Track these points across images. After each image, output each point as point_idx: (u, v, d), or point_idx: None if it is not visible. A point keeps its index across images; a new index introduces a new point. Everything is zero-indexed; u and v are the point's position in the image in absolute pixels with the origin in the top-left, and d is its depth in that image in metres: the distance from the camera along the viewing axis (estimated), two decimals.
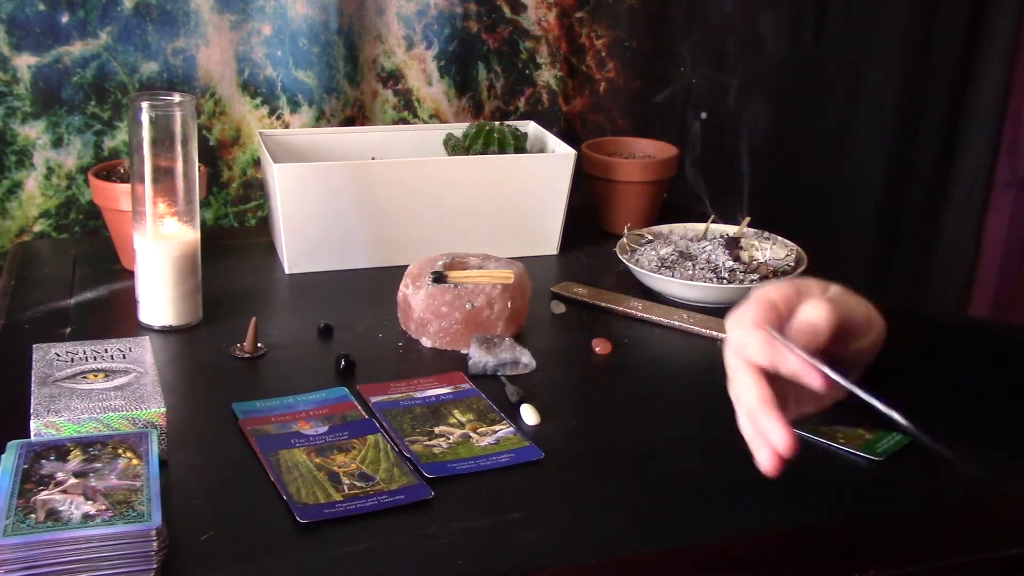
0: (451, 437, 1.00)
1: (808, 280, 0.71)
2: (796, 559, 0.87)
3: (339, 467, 0.93)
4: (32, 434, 0.90)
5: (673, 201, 1.64)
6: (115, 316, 1.27)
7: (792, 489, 0.95)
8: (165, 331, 1.21)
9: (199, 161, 1.23)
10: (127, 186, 1.27)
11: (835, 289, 0.71)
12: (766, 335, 0.65)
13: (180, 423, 0.99)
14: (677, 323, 1.27)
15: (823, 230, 1.98)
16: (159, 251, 1.20)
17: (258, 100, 1.58)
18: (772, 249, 1.39)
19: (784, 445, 0.63)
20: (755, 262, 1.35)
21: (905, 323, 0.73)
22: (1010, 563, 0.88)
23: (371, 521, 0.87)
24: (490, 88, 1.72)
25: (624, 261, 1.37)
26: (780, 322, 0.67)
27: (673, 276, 1.32)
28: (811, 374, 0.64)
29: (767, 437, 0.64)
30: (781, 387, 0.67)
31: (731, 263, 1.33)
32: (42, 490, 0.80)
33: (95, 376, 0.98)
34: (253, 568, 0.81)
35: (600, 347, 1.20)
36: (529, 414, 1.04)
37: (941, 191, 2.08)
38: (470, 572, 0.82)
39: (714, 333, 1.24)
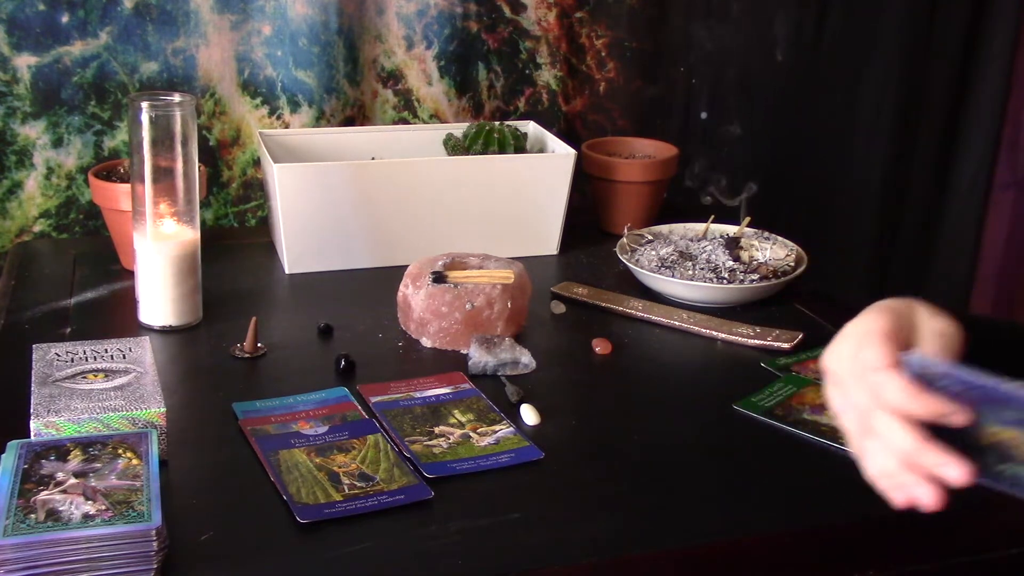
0: (451, 437, 1.00)
1: (890, 303, 0.69)
2: (796, 559, 0.87)
3: (339, 467, 0.93)
4: (32, 434, 0.90)
5: (673, 201, 1.64)
6: (115, 316, 1.27)
7: (792, 489, 0.95)
8: (165, 331, 1.21)
9: (199, 161, 1.23)
10: (127, 186, 1.27)
11: (919, 305, 0.69)
12: (905, 380, 0.64)
13: (180, 423, 0.99)
14: (677, 323, 1.27)
15: (823, 230, 1.98)
16: (159, 251, 1.20)
17: (258, 100, 1.58)
18: (772, 249, 1.39)
19: (964, 476, 0.63)
20: (755, 262, 1.35)
21: (985, 330, 0.72)
22: (1010, 563, 0.88)
23: (371, 521, 0.87)
24: (490, 88, 1.72)
25: (624, 261, 1.37)
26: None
27: (673, 276, 1.32)
28: (958, 413, 0.63)
29: (939, 474, 0.64)
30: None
31: (731, 263, 1.33)
32: (42, 490, 0.80)
33: (95, 376, 0.98)
34: (253, 568, 0.81)
35: (600, 347, 1.20)
36: (529, 414, 1.04)
37: (941, 191, 2.07)
38: (470, 572, 0.82)
39: (714, 333, 1.24)
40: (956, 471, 0.63)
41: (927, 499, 0.64)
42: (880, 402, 0.65)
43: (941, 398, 0.63)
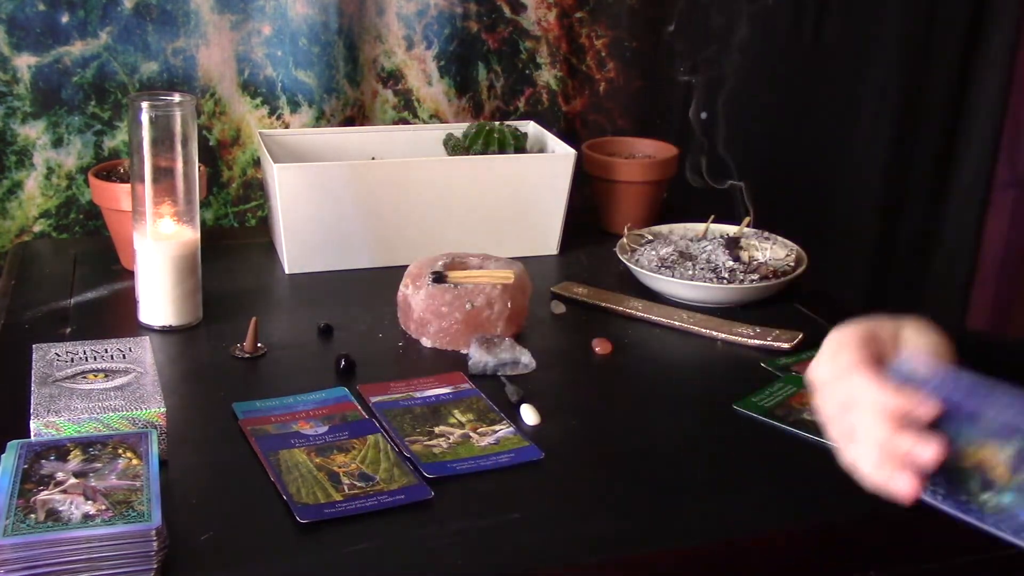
0: (451, 437, 1.00)
1: (874, 318, 0.70)
2: (796, 559, 0.87)
3: (339, 467, 0.93)
4: (32, 434, 0.90)
5: (673, 201, 1.64)
6: (115, 316, 1.27)
7: (792, 489, 0.95)
8: (165, 331, 1.21)
9: (199, 161, 1.23)
10: (127, 186, 1.27)
11: (909, 320, 0.70)
12: (874, 377, 0.66)
13: (180, 423, 0.99)
14: (677, 323, 1.27)
15: (823, 230, 1.98)
16: (159, 251, 1.20)
17: (258, 100, 1.58)
18: (772, 249, 1.39)
19: (936, 452, 0.64)
20: (755, 262, 1.35)
21: (978, 348, 0.72)
22: (1010, 563, 0.88)
23: (371, 521, 0.87)
24: (490, 88, 1.72)
25: (624, 261, 1.37)
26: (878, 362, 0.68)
27: (673, 276, 1.32)
28: (928, 405, 0.64)
29: (915, 456, 0.64)
30: None
31: (731, 263, 1.33)
32: (42, 490, 0.80)
33: (95, 376, 0.98)
34: (253, 568, 0.81)
35: (600, 347, 1.20)
36: (529, 414, 1.04)
37: (941, 191, 2.07)
38: (470, 572, 0.82)
39: (714, 333, 1.24)
40: (929, 450, 0.64)
41: (905, 487, 0.65)
42: (855, 401, 0.67)
43: (912, 392, 0.65)
